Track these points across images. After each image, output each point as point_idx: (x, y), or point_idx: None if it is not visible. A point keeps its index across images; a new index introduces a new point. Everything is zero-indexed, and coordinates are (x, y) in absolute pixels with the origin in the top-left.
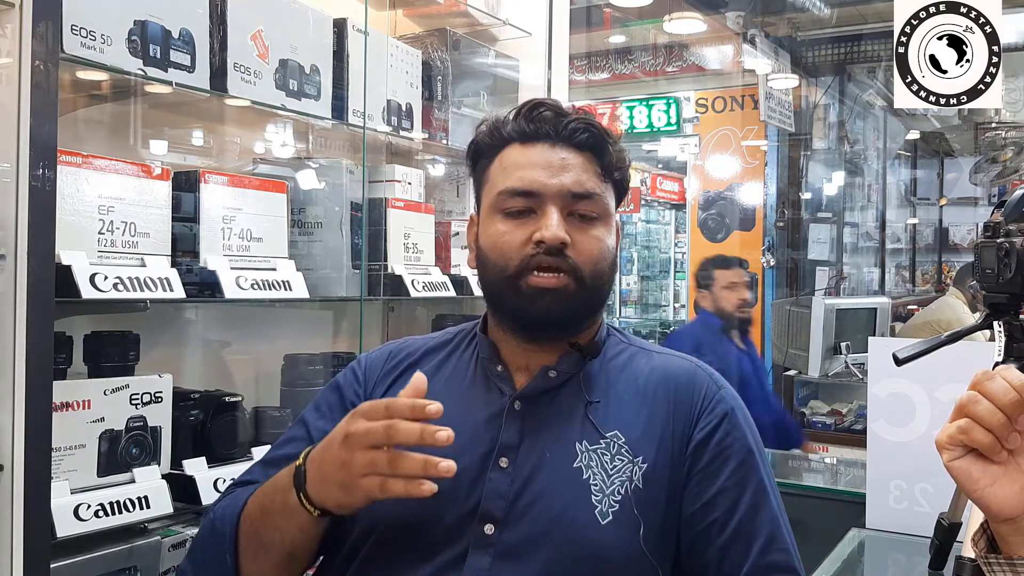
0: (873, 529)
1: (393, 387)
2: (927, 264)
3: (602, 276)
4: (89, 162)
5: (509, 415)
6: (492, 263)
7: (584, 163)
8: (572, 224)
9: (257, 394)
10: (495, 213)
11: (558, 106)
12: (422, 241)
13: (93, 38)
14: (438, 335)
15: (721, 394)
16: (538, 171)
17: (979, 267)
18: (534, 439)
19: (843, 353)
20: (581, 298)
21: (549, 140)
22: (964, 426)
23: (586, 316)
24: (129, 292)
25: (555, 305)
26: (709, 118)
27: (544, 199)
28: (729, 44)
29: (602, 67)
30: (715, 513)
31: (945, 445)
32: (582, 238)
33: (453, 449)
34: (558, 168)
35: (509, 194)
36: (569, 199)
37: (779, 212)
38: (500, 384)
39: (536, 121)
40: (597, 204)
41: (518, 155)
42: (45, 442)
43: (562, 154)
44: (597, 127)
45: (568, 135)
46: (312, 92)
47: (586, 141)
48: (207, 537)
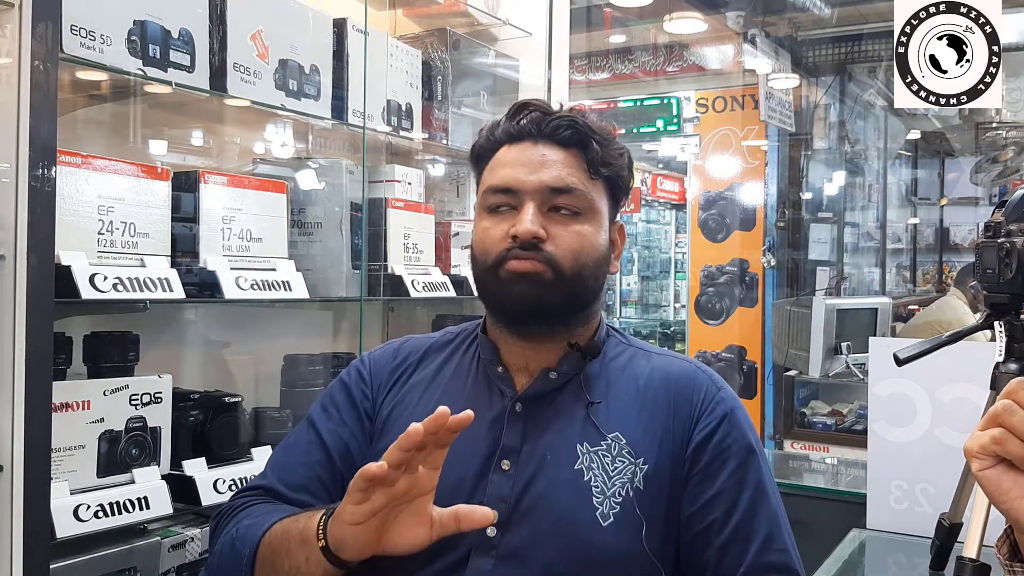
0: (874, 529)
1: (397, 386)
2: (928, 264)
3: (583, 270)
4: (89, 162)
5: (511, 417)
6: (477, 257)
7: (567, 159)
8: (552, 219)
9: (257, 394)
10: (482, 211)
11: (543, 106)
12: (422, 241)
13: (93, 38)
14: (439, 334)
15: (720, 395)
16: (518, 168)
17: (980, 267)
18: (535, 441)
19: (844, 353)
20: (560, 289)
21: (532, 138)
22: (998, 436)
23: (569, 308)
24: (129, 292)
25: (530, 290)
26: (709, 118)
27: (522, 195)
28: (729, 44)
29: (602, 67)
30: (714, 514)
31: (976, 454)
32: (560, 231)
33: (456, 451)
34: (537, 164)
35: (491, 191)
36: (547, 194)
37: (780, 212)
38: (501, 386)
39: (521, 121)
40: (579, 199)
41: (503, 155)
42: (45, 443)
43: (543, 151)
44: (581, 124)
45: (550, 132)
46: (312, 92)
47: (569, 138)
48: (226, 555)
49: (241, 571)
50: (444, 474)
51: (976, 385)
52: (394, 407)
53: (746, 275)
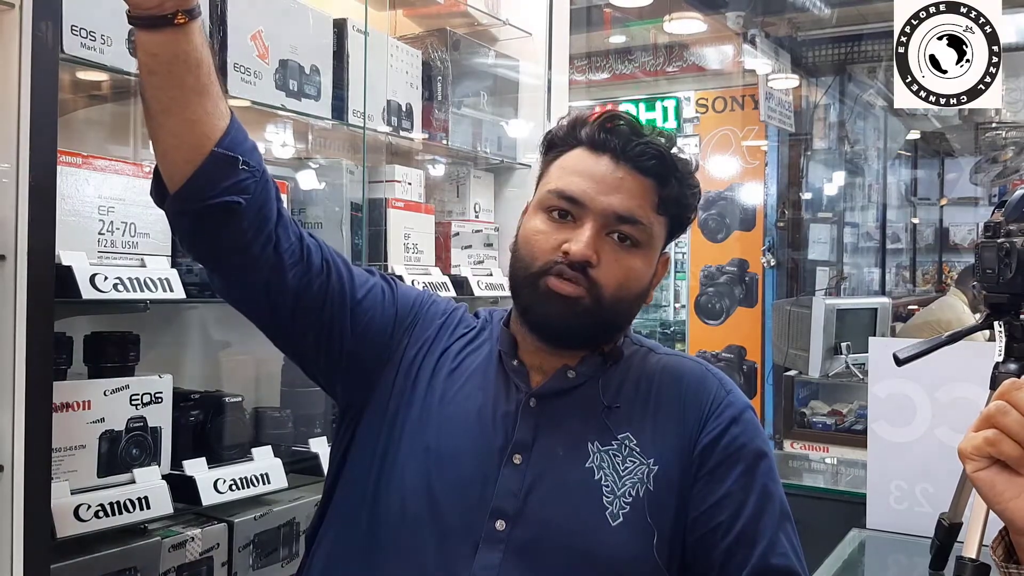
0: (874, 529)
1: (436, 341)
2: (928, 264)
3: (622, 303)
4: (89, 162)
5: (524, 412)
6: (520, 256)
7: (641, 189)
8: (607, 244)
9: (257, 395)
10: (539, 209)
11: (635, 123)
12: (422, 241)
13: (93, 39)
14: (472, 318)
15: (729, 398)
16: (591, 182)
17: (979, 267)
18: (547, 437)
19: (843, 353)
20: (594, 317)
21: (614, 155)
22: (992, 438)
23: (595, 336)
24: (129, 292)
25: (564, 313)
26: (709, 118)
27: (586, 211)
28: (729, 44)
29: (602, 67)
30: (720, 516)
31: (970, 455)
32: (611, 260)
33: (468, 442)
34: (611, 186)
35: (556, 195)
36: (612, 219)
37: (779, 212)
38: (516, 380)
39: (608, 132)
40: (640, 232)
41: (580, 159)
42: (45, 443)
43: (621, 173)
44: (667, 156)
45: (635, 156)
46: (312, 92)
47: (652, 168)
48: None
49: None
50: (456, 464)
51: (976, 385)
52: (421, 355)
53: (746, 275)
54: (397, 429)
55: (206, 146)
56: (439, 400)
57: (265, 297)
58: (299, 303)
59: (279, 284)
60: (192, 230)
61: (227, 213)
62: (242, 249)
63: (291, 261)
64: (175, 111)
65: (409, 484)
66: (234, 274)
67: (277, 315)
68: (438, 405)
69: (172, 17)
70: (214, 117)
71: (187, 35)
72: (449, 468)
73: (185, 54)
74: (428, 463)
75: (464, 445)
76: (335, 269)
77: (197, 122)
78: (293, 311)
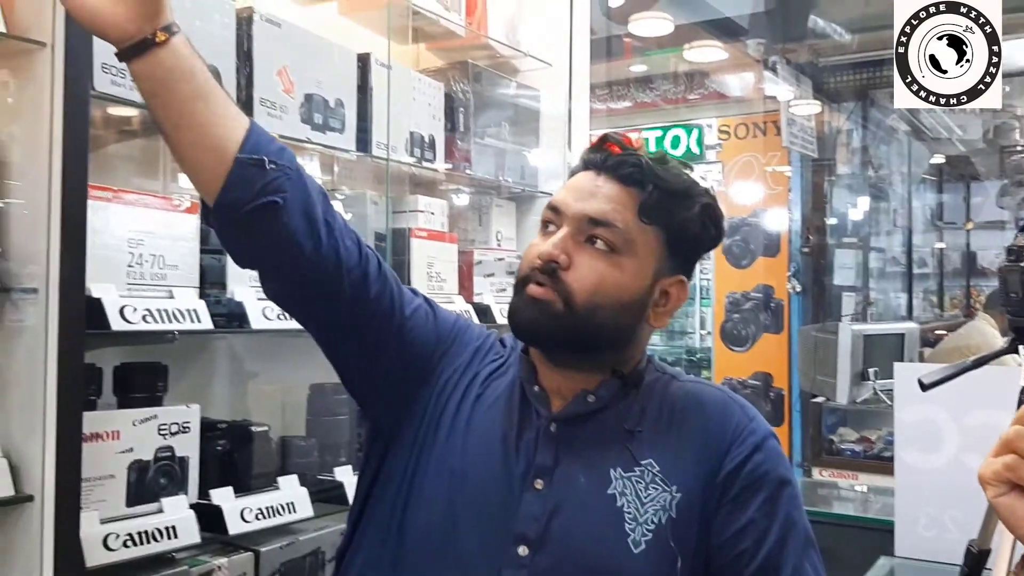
0: (903, 557)
1: (470, 366)
2: (955, 289)
3: (598, 310)
4: (119, 196)
5: (545, 437)
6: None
7: (620, 195)
8: (584, 249)
9: (283, 424)
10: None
11: (618, 139)
12: (445, 270)
13: (123, 76)
14: (500, 346)
15: (752, 426)
16: (571, 192)
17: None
18: (569, 463)
19: (871, 379)
20: (566, 323)
21: (596, 168)
22: (1011, 463)
23: (573, 346)
24: (158, 324)
25: (536, 316)
26: (732, 145)
27: (563, 218)
28: (750, 71)
29: (623, 96)
30: (743, 544)
31: (989, 481)
32: (584, 264)
33: (490, 467)
34: (587, 192)
35: (546, 207)
36: (585, 223)
37: (804, 238)
38: (537, 405)
39: (594, 150)
40: (616, 235)
41: (571, 179)
42: (75, 472)
43: (600, 182)
44: (645, 165)
45: (613, 165)
46: (337, 125)
47: (629, 175)
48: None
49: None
50: (478, 489)
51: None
52: (454, 379)
53: (771, 301)
54: (426, 451)
55: (229, 152)
56: (465, 424)
57: (322, 297)
58: (355, 305)
59: (335, 282)
60: (239, 238)
61: (269, 213)
62: (293, 246)
63: (350, 262)
64: (184, 122)
65: (434, 508)
66: (287, 273)
67: (332, 312)
68: (464, 429)
69: (152, 38)
70: (226, 119)
71: (173, 50)
72: (472, 493)
73: (177, 67)
74: (452, 487)
75: (487, 470)
76: (391, 279)
77: (208, 125)
78: (350, 310)
